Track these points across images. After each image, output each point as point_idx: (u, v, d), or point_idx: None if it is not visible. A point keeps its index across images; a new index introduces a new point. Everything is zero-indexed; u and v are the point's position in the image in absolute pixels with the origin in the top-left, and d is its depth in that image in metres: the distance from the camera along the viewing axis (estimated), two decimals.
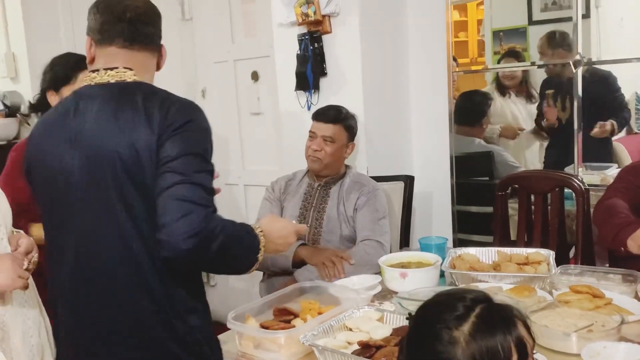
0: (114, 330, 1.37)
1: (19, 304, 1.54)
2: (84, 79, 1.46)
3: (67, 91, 2.03)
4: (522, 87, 3.13)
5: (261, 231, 1.45)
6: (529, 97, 3.12)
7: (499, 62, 3.19)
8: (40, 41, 3.03)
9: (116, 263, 1.35)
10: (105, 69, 1.42)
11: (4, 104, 3.01)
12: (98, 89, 1.41)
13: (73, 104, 1.41)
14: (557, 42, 2.85)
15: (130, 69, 1.43)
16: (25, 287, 1.48)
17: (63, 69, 2.08)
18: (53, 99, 2.06)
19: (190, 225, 1.25)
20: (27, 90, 3.04)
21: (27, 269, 1.49)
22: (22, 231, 1.63)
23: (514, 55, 3.08)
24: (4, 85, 3.11)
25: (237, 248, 1.37)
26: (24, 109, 3.05)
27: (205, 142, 1.37)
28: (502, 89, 3.13)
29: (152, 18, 1.50)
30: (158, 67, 1.53)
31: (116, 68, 1.42)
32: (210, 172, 1.36)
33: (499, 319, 0.97)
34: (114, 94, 1.39)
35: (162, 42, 1.53)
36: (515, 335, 0.95)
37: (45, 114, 1.51)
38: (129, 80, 1.42)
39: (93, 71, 1.44)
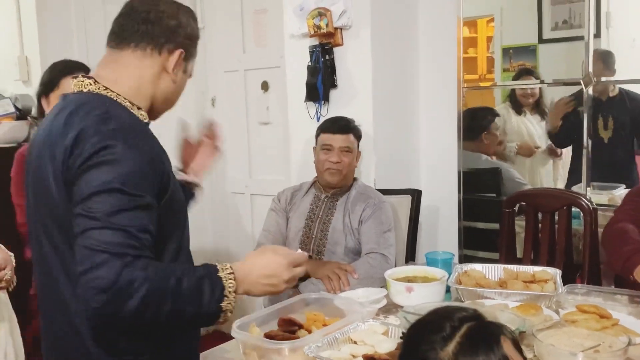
0: None
1: None
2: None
3: (54, 97, 2.08)
4: (537, 105, 3.14)
5: (231, 273, 1.21)
6: (542, 115, 3.13)
7: (516, 79, 3.19)
8: (53, 45, 3.06)
9: (52, 307, 1.27)
10: (74, 77, 1.29)
11: (16, 107, 3.03)
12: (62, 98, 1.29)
13: (55, 110, 1.29)
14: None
15: (90, 77, 1.27)
16: None
17: (49, 75, 2.16)
18: (45, 104, 2.14)
19: (98, 279, 1.06)
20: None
21: None
22: (2, 246, 1.60)
23: (530, 73, 3.09)
24: (16, 88, 3.13)
25: (173, 303, 1.12)
26: (35, 111, 3.07)
27: (129, 172, 1.13)
28: (518, 107, 3.14)
29: (152, 5, 1.29)
30: (167, 70, 1.32)
31: (77, 77, 1.28)
32: (138, 207, 1.12)
33: (483, 338, 0.95)
34: (61, 107, 1.25)
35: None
36: (500, 354, 0.94)
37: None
38: (84, 90, 1.26)
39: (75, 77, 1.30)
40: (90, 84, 1.25)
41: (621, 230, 2.03)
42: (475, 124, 3.10)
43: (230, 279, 1.21)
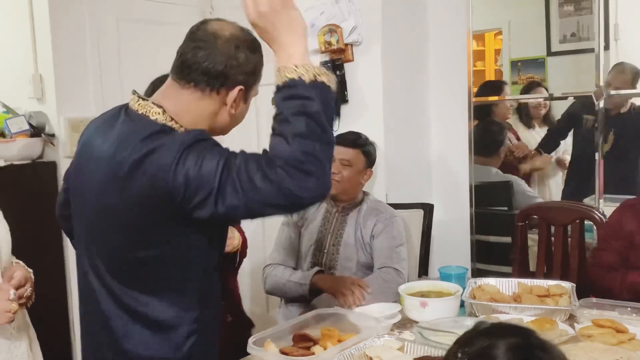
0: None
1: (6, 337, 1.52)
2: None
3: None
4: (547, 119, 3.15)
5: None
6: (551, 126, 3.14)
7: (526, 93, 3.20)
8: (67, 63, 3.09)
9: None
10: (139, 97, 1.34)
11: (30, 124, 3.05)
12: (127, 113, 1.35)
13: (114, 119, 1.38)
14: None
15: (160, 107, 1.31)
16: (10, 321, 1.44)
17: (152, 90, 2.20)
18: None
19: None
20: (53, 111, 3.09)
21: (17, 302, 1.45)
22: (21, 262, 1.62)
23: (539, 85, 3.11)
24: (31, 106, 3.16)
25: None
26: (49, 129, 3.10)
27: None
28: (528, 120, 3.15)
29: (212, 45, 1.31)
30: (227, 105, 1.36)
31: (146, 100, 1.33)
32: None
33: None
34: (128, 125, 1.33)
35: None
36: None
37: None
38: (152, 118, 1.30)
39: (134, 93, 1.38)
40: (159, 114, 1.30)
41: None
42: (491, 139, 3.11)
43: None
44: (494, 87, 3.27)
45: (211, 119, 1.36)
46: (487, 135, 3.16)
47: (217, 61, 1.30)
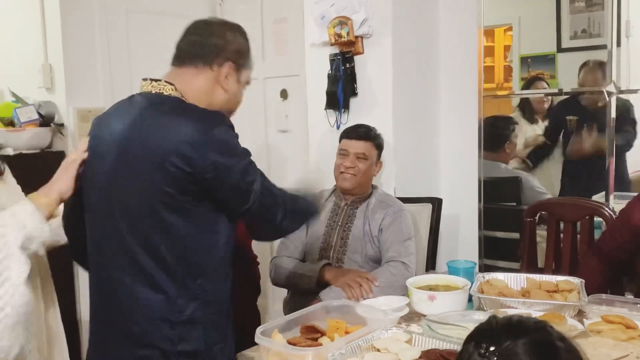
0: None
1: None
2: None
3: None
4: (550, 113, 3.13)
5: None
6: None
7: (527, 88, 3.19)
8: (76, 53, 3.10)
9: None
10: (151, 80, 1.51)
11: (39, 114, 3.06)
12: (140, 96, 1.51)
13: (128, 105, 1.51)
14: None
15: (171, 84, 1.48)
16: None
17: None
18: None
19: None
20: (62, 101, 3.10)
21: None
22: None
23: (541, 79, 3.09)
24: (40, 95, 3.17)
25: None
26: (58, 119, 3.11)
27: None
28: (531, 115, 3.13)
29: (203, 30, 1.54)
30: (220, 82, 1.54)
31: (159, 80, 1.50)
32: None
33: None
34: (153, 104, 1.47)
35: None
36: None
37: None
38: (165, 93, 1.48)
39: (144, 79, 1.52)
40: (173, 90, 1.48)
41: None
42: (497, 134, 3.10)
43: None
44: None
45: (208, 96, 1.52)
46: (493, 130, 3.15)
47: (207, 39, 1.52)
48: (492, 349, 0.93)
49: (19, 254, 1.38)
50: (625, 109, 2.77)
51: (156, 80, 1.50)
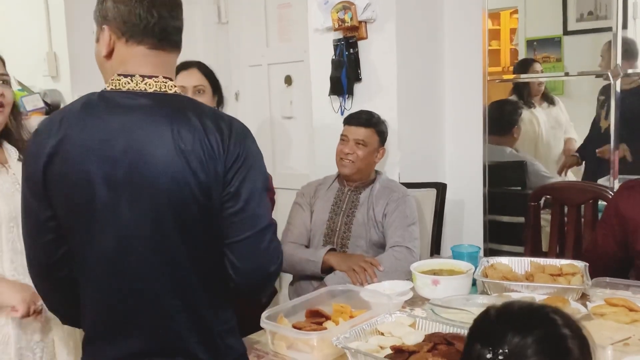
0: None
1: None
2: (111, 82, 1.27)
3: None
4: (544, 95, 3.12)
5: None
6: (551, 102, 3.11)
7: (521, 71, 3.18)
8: (81, 41, 3.10)
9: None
10: (142, 76, 1.26)
11: (45, 102, 3.08)
12: (134, 97, 1.25)
13: (105, 109, 1.24)
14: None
15: (170, 79, 1.28)
16: None
17: None
18: None
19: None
20: (67, 89, 3.11)
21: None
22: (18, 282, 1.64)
23: (534, 62, 3.08)
24: (45, 84, 3.18)
25: None
26: (63, 106, 3.12)
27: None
28: (528, 99, 3.12)
29: (179, 8, 1.32)
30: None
31: (155, 77, 1.26)
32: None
33: None
34: (161, 106, 1.25)
35: (199, 44, 1.47)
36: None
37: (69, 110, 1.28)
38: (169, 92, 1.27)
39: (125, 75, 1.25)
40: (174, 86, 1.29)
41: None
42: (505, 118, 3.09)
43: None
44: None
45: None
46: (500, 115, 3.14)
47: (180, 16, 1.33)
48: (500, 351, 0.93)
49: None
50: None
51: (150, 77, 1.26)
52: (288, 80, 3.42)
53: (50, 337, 1.65)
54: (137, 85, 1.25)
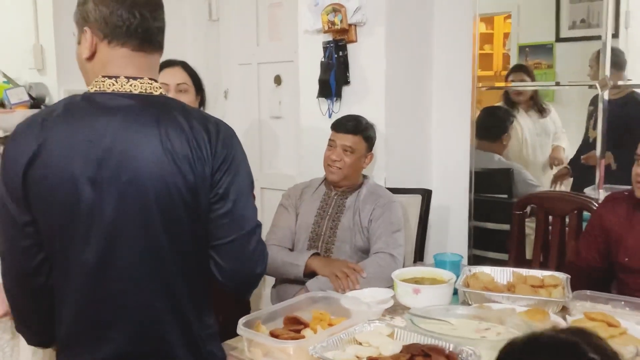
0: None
1: None
2: (95, 83, 1.26)
3: None
4: (531, 103, 3.12)
5: None
6: (540, 112, 3.11)
7: (506, 78, 3.18)
8: (68, 34, 3.04)
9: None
10: (127, 78, 1.25)
11: (30, 95, 3.04)
12: (119, 99, 1.24)
13: (89, 111, 1.23)
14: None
15: (155, 80, 1.28)
16: None
17: None
18: None
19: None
20: (53, 83, 3.07)
21: None
22: None
23: (524, 70, 3.07)
24: (31, 77, 3.14)
25: None
26: (49, 100, 3.08)
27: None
28: (512, 105, 3.13)
29: (161, 9, 1.31)
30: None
31: (140, 78, 1.26)
32: None
33: None
34: (148, 107, 1.24)
35: (189, 41, 1.48)
36: None
37: (50, 112, 1.26)
38: (155, 93, 1.27)
39: (110, 77, 1.25)
40: (160, 87, 1.30)
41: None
42: (496, 125, 3.08)
43: None
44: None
45: None
46: (492, 120, 3.14)
47: (162, 17, 1.33)
48: None
49: None
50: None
51: (135, 78, 1.26)
52: (277, 80, 3.39)
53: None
54: (122, 86, 1.25)
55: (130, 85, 1.25)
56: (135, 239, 1.23)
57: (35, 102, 3.04)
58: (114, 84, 1.25)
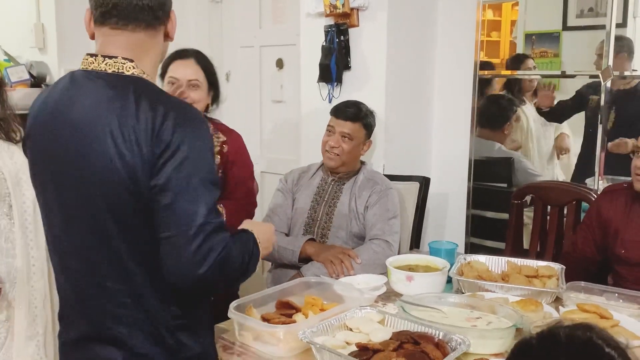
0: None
1: (26, 275, 1.57)
2: (82, 61, 1.29)
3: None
4: (536, 93, 3.08)
5: (256, 242, 1.37)
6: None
7: (513, 66, 3.14)
8: (69, 13, 3.05)
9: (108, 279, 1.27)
10: (104, 57, 1.26)
11: (30, 74, 3.04)
12: (94, 76, 1.25)
13: (68, 87, 1.27)
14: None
15: (131, 60, 1.26)
16: None
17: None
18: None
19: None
20: (54, 61, 3.07)
21: None
22: None
23: (527, 58, 3.04)
24: (32, 55, 3.14)
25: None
26: (50, 79, 3.08)
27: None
28: (519, 96, 3.09)
29: None
30: (168, 37, 1.35)
31: (115, 57, 1.25)
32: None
33: None
34: (111, 87, 1.23)
35: (192, 23, 1.43)
36: None
37: (49, 88, 1.34)
38: (127, 73, 1.25)
39: (91, 55, 1.27)
40: (133, 67, 1.26)
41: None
42: (499, 113, 3.05)
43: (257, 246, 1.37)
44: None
45: (161, 55, 1.36)
46: (494, 109, 3.10)
47: None
48: None
49: None
50: None
51: (110, 57, 1.25)
52: (279, 63, 3.37)
53: (12, 316, 1.63)
54: (98, 65, 1.26)
55: (105, 64, 1.26)
56: (87, 219, 1.24)
57: (36, 80, 3.04)
58: (92, 62, 1.27)
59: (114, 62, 1.25)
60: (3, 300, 1.58)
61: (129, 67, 1.26)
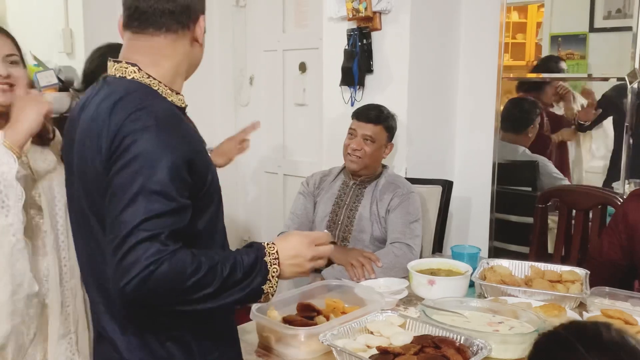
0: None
1: (58, 275, 1.61)
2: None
3: None
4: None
5: (276, 258, 1.24)
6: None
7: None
8: (97, 19, 3.10)
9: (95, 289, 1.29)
10: (114, 62, 1.26)
11: (59, 78, 3.09)
12: (109, 81, 1.26)
13: (90, 94, 1.29)
14: None
15: (134, 65, 1.24)
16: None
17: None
18: None
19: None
20: (82, 66, 3.12)
21: None
22: None
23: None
24: (60, 60, 3.20)
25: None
26: (77, 84, 3.13)
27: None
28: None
29: None
30: (197, 42, 1.31)
31: (120, 62, 1.25)
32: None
33: None
34: (111, 91, 1.23)
35: (216, 27, 1.38)
36: None
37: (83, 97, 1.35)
38: (128, 77, 1.24)
39: (110, 60, 1.29)
40: (135, 72, 1.23)
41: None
42: (522, 116, 3.03)
43: (274, 264, 1.24)
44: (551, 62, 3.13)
45: (188, 60, 1.31)
46: (517, 112, 3.08)
47: None
48: None
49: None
50: None
51: (119, 62, 1.26)
52: (302, 67, 3.39)
53: (45, 315, 1.66)
54: (115, 70, 1.26)
55: (114, 69, 1.26)
56: (79, 222, 1.30)
57: (64, 85, 3.09)
58: (110, 67, 1.28)
59: (120, 67, 1.25)
60: (34, 297, 1.61)
61: (131, 72, 1.24)
